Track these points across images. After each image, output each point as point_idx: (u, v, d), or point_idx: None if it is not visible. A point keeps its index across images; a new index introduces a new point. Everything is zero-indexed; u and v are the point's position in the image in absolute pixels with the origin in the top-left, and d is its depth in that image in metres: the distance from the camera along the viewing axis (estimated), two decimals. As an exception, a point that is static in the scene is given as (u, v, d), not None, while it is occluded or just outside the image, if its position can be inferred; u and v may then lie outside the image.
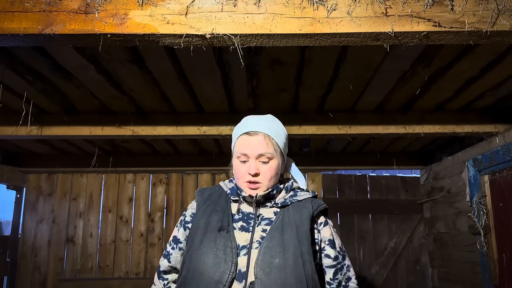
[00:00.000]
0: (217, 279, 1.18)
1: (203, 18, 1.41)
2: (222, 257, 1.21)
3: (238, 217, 1.32)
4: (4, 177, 4.01)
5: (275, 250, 1.22)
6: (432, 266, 4.16)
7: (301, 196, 1.38)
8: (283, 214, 1.31)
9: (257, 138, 1.32)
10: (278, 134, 1.36)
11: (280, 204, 1.34)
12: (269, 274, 1.18)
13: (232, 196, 1.37)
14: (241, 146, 1.34)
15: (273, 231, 1.26)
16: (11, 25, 1.38)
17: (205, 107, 2.84)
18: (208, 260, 1.21)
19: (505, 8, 1.39)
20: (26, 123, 2.67)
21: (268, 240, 1.24)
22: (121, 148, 3.95)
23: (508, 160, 2.78)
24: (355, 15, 1.40)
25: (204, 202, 1.37)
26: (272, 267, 1.19)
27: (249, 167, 1.31)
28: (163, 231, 4.35)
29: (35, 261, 4.22)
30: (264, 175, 1.31)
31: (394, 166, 4.25)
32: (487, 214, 3.06)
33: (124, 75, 2.32)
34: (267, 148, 1.31)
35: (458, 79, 2.39)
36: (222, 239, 1.24)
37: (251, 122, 1.36)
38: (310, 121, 2.88)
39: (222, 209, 1.33)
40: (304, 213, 1.31)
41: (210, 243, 1.24)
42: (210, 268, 1.20)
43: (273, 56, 2.10)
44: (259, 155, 1.31)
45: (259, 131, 1.33)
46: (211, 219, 1.30)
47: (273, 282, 1.17)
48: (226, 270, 1.19)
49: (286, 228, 1.27)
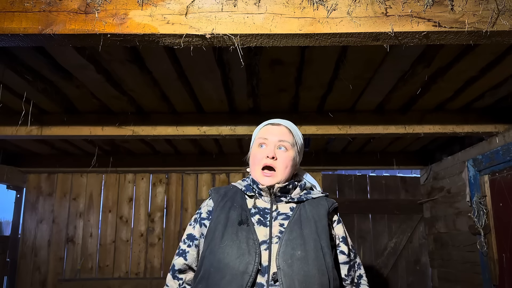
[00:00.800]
0: (242, 270, 1.19)
1: (203, 18, 1.41)
2: (246, 248, 1.23)
3: (254, 211, 1.34)
4: (4, 177, 4.01)
5: (296, 242, 1.24)
6: (432, 266, 4.16)
7: (315, 194, 1.43)
8: (300, 209, 1.34)
9: (280, 128, 1.42)
10: (297, 134, 1.46)
11: (296, 199, 1.37)
12: (291, 265, 1.20)
13: (247, 191, 1.40)
14: (264, 132, 1.42)
15: (292, 225, 1.29)
16: (11, 25, 1.38)
17: (205, 107, 2.84)
18: (232, 251, 1.23)
19: (505, 8, 1.39)
20: (26, 123, 2.67)
21: (288, 233, 1.26)
22: (121, 148, 3.95)
23: (508, 160, 2.78)
24: (355, 15, 1.40)
25: (222, 198, 1.40)
26: (294, 258, 1.21)
27: (268, 150, 1.37)
28: (163, 231, 4.35)
29: (35, 261, 4.22)
30: (280, 161, 1.36)
31: (394, 166, 4.25)
32: (487, 214, 3.06)
33: (124, 75, 2.32)
34: (288, 137, 1.40)
35: (458, 79, 2.39)
36: (244, 232, 1.26)
37: (274, 119, 1.47)
38: (310, 121, 2.88)
39: (240, 205, 1.36)
40: (321, 209, 1.35)
41: (232, 236, 1.26)
42: (235, 259, 1.21)
43: (273, 56, 2.10)
44: (280, 140, 1.38)
45: (283, 124, 1.44)
46: (230, 214, 1.32)
47: (295, 273, 1.19)
48: (251, 261, 1.20)
49: (304, 222, 1.30)
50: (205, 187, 4.44)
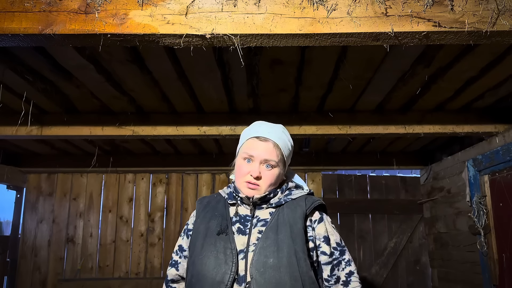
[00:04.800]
0: (219, 280, 1.21)
1: (203, 18, 1.41)
2: (223, 258, 1.24)
3: (235, 219, 1.35)
4: (4, 177, 4.01)
5: (270, 250, 1.24)
6: (432, 266, 4.16)
7: (295, 194, 1.40)
8: (278, 214, 1.34)
9: (267, 145, 1.36)
10: (285, 145, 1.41)
11: (274, 204, 1.36)
12: (263, 274, 1.21)
13: (229, 199, 1.41)
14: (250, 147, 1.38)
15: (268, 231, 1.29)
16: (11, 25, 1.38)
17: (205, 107, 2.84)
18: (209, 262, 1.25)
19: (505, 8, 1.39)
20: (26, 123, 2.67)
21: (263, 240, 1.27)
22: (121, 148, 3.95)
23: (508, 160, 2.78)
24: (355, 15, 1.40)
25: (204, 209, 1.42)
26: (267, 267, 1.22)
27: (253, 168, 1.34)
28: (163, 231, 4.35)
29: (35, 261, 4.22)
30: (265, 179, 1.35)
31: (394, 166, 4.25)
32: (487, 214, 3.06)
33: (124, 75, 2.32)
34: (274, 156, 1.36)
35: (458, 79, 2.39)
36: (222, 242, 1.28)
37: (263, 128, 1.41)
38: (310, 121, 2.88)
39: (221, 213, 1.37)
40: (298, 211, 1.33)
41: (210, 246, 1.28)
42: (212, 270, 1.23)
43: (273, 56, 2.10)
44: (265, 160, 1.35)
45: (270, 138, 1.37)
46: (210, 224, 1.34)
47: (267, 281, 1.20)
48: (227, 271, 1.22)
49: (280, 227, 1.29)
50: (205, 187, 4.44)
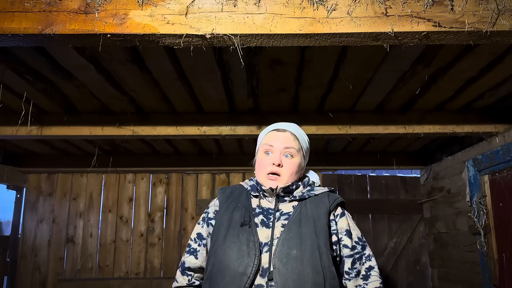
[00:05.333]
0: (241, 272, 1.23)
1: (203, 18, 1.41)
2: (246, 250, 1.26)
3: (258, 211, 1.37)
4: (4, 177, 4.01)
5: (293, 242, 1.26)
6: (432, 266, 4.16)
7: (318, 190, 1.44)
8: (301, 207, 1.36)
9: (285, 134, 1.44)
10: (303, 138, 1.49)
11: (298, 197, 1.39)
12: (286, 264, 1.23)
13: (252, 191, 1.43)
14: (269, 138, 1.44)
15: (291, 223, 1.31)
16: (11, 25, 1.38)
17: (205, 107, 2.84)
18: (232, 253, 1.26)
19: (505, 8, 1.39)
20: (26, 123, 2.67)
21: (286, 232, 1.29)
22: (121, 148, 3.95)
23: (508, 160, 2.78)
24: (355, 15, 1.40)
25: (227, 199, 1.43)
26: (290, 257, 1.24)
27: (274, 158, 1.39)
28: (163, 231, 4.35)
29: (35, 261, 4.22)
30: (286, 168, 1.39)
31: (394, 166, 4.25)
32: (487, 214, 3.06)
33: (124, 75, 2.31)
34: (294, 143, 1.43)
35: (458, 79, 2.39)
36: (245, 234, 1.30)
37: (280, 123, 1.49)
38: (310, 121, 2.88)
39: (244, 205, 1.39)
40: (322, 207, 1.36)
41: (233, 238, 1.30)
42: (235, 261, 1.25)
43: (273, 56, 2.10)
44: (285, 148, 1.40)
45: (288, 129, 1.45)
46: (233, 216, 1.36)
47: (290, 272, 1.22)
48: (249, 263, 1.24)
49: (303, 221, 1.32)
50: (205, 187, 4.44)
